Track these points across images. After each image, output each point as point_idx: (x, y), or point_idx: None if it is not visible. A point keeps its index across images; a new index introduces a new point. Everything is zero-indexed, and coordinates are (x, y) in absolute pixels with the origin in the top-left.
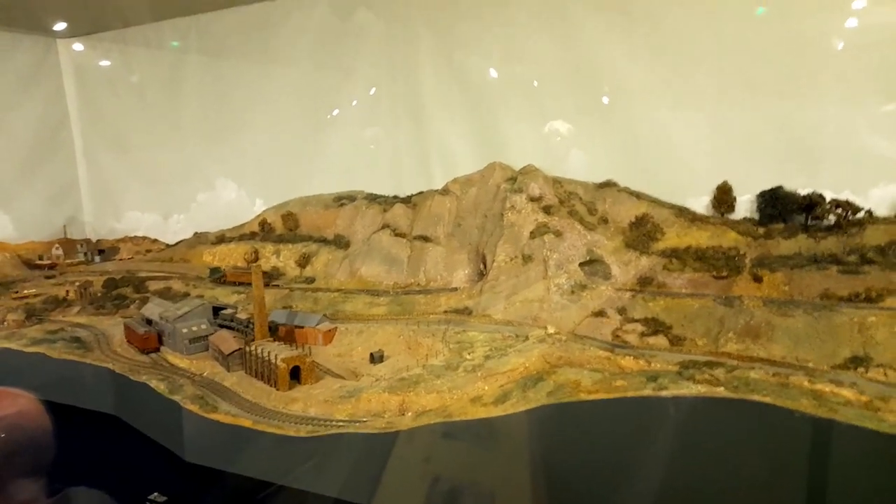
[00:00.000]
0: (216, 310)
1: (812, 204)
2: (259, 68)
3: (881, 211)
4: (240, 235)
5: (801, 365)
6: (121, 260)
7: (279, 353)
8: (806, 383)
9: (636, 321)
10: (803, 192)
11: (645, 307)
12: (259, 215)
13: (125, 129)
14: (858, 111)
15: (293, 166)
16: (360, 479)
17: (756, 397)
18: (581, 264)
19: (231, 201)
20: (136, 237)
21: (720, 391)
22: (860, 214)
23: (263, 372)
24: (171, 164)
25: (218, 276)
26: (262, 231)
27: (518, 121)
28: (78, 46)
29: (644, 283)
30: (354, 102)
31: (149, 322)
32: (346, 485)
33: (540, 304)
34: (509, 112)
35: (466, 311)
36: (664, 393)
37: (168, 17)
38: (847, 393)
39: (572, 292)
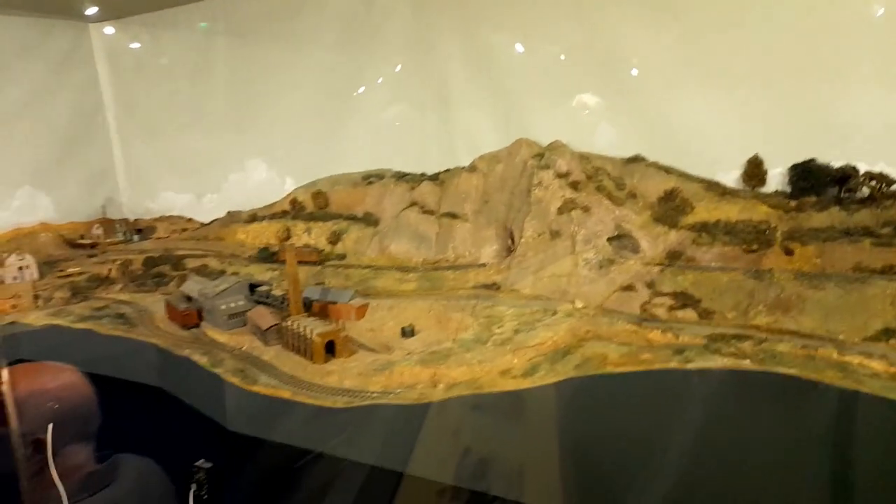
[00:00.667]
0: (252, 287)
1: (845, 176)
2: (286, 50)
3: None
4: (271, 214)
5: (831, 337)
6: (158, 239)
7: (315, 328)
8: (835, 355)
9: (665, 295)
10: (837, 164)
11: (673, 281)
12: (289, 194)
13: (157, 113)
14: (892, 83)
15: (321, 146)
16: (394, 448)
17: (781, 369)
18: (609, 239)
19: (262, 181)
20: (171, 216)
21: (746, 364)
22: (895, 187)
23: (300, 346)
24: (202, 146)
25: (266, 256)
26: (293, 209)
27: (544, 97)
28: (109, 30)
29: (673, 258)
30: (380, 81)
31: (189, 299)
32: (380, 453)
33: (568, 279)
34: (535, 88)
35: (495, 287)
36: (690, 366)
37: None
38: (876, 365)
39: (600, 267)
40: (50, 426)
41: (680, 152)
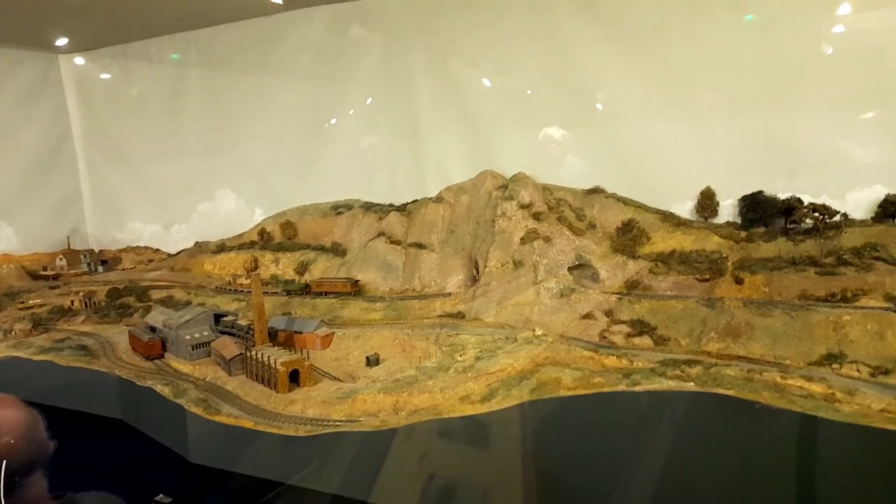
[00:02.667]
0: (217, 317)
1: (790, 208)
2: (258, 82)
3: (857, 214)
4: (239, 244)
5: (778, 362)
6: (123, 270)
7: (278, 358)
8: (778, 378)
9: (622, 322)
10: (783, 196)
11: (631, 309)
12: (258, 224)
13: (127, 142)
14: (835, 120)
15: (291, 176)
16: (357, 475)
17: (721, 390)
18: (570, 269)
19: (231, 211)
20: (138, 247)
21: (689, 386)
22: (836, 218)
23: (264, 375)
24: (171, 176)
25: (296, 289)
26: (262, 240)
27: (509, 129)
28: (79, 61)
29: (631, 287)
30: (351, 113)
31: (153, 329)
32: (343, 481)
33: (530, 308)
34: (501, 122)
35: (460, 316)
36: (637, 388)
37: (168, 32)
38: (816, 387)
39: (561, 296)
40: (3, 463)
41: (638, 184)
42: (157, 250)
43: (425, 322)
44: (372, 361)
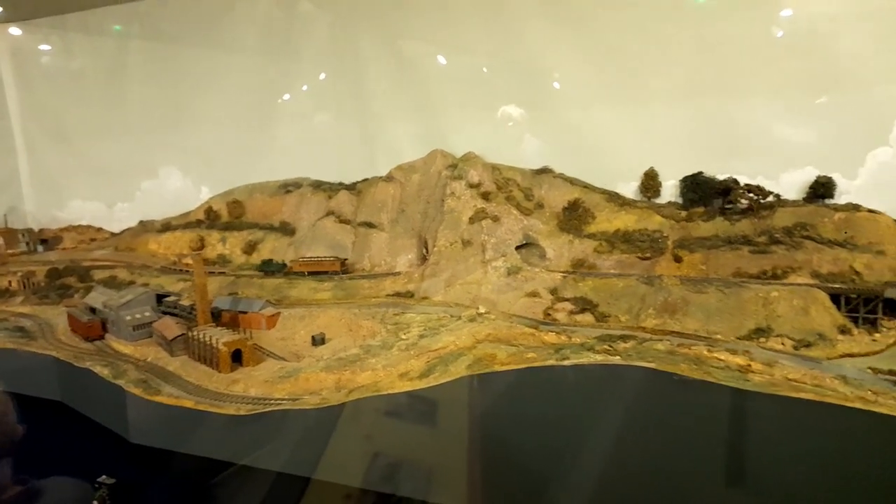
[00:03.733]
0: (160, 297)
1: (728, 189)
2: (204, 58)
3: (790, 195)
4: (185, 223)
5: (708, 336)
6: (64, 249)
7: (220, 338)
8: (705, 352)
9: (566, 300)
10: (721, 177)
11: (575, 287)
12: (204, 203)
13: (66, 118)
14: (772, 105)
15: (239, 154)
16: (297, 451)
17: (643, 363)
18: (518, 248)
19: (177, 189)
20: (80, 226)
21: (615, 360)
22: (770, 198)
23: (206, 356)
24: (114, 153)
25: (275, 269)
26: (208, 219)
27: (460, 110)
28: (15, 31)
29: (576, 265)
30: (301, 91)
31: (93, 310)
32: (281, 457)
33: (478, 287)
34: (452, 102)
35: (409, 295)
36: (566, 362)
37: (109, 3)
38: (738, 360)
39: (509, 275)
40: None
41: (585, 164)
42: (100, 229)
43: (373, 301)
44: (317, 341)
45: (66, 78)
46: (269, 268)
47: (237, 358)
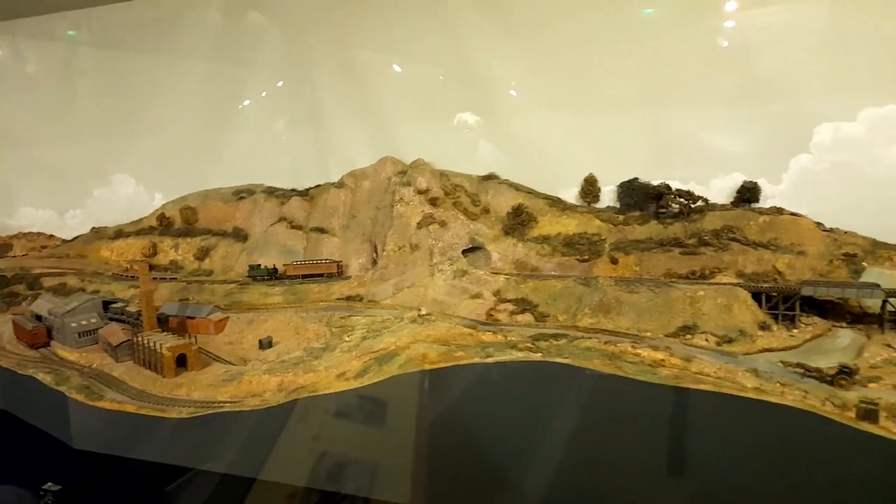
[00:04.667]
0: (106, 304)
1: (660, 194)
2: (156, 64)
3: (720, 199)
4: (138, 230)
5: (636, 334)
6: (14, 257)
7: (165, 343)
8: (629, 348)
9: (508, 301)
10: (655, 183)
11: (517, 289)
12: (157, 209)
13: (17, 124)
14: (703, 114)
15: (193, 161)
16: (235, 451)
17: (559, 359)
18: (464, 252)
19: (129, 196)
20: (30, 233)
21: (536, 356)
22: (699, 203)
23: (150, 361)
24: (66, 159)
25: (264, 274)
26: (161, 225)
27: (410, 118)
28: None
29: (519, 268)
30: (254, 99)
31: (38, 318)
32: (222, 458)
33: (425, 290)
34: (402, 109)
35: (358, 298)
36: (490, 360)
37: (60, 9)
38: (659, 355)
39: (454, 278)
40: None
41: (529, 171)
42: (51, 236)
43: (321, 305)
44: (264, 344)
45: (16, 83)
46: (258, 273)
47: (182, 362)
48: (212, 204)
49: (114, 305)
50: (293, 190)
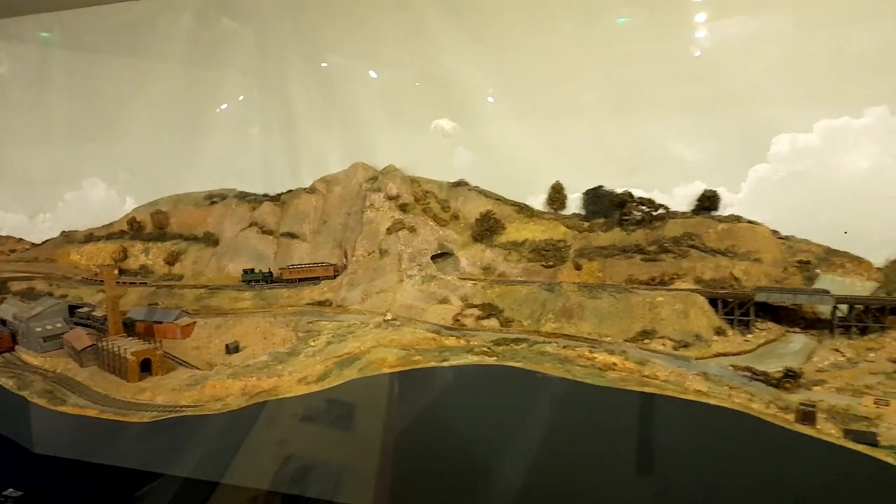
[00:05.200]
0: (73, 308)
1: (623, 202)
2: (128, 68)
3: (682, 207)
4: (108, 234)
5: (597, 339)
6: None
7: (129, 347)
8: (587, 353)
9: (475, 307)
10: (619, 190)
11: (483, 294)
12: (128, 214)
13: None
14: (667, 124)
15: (165, 165)
16: (196, 455)
17: (513, 363)
18: (433, 257)
19: (101, 200)
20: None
21: (490, 360)
22: (660, 211)
23: (115, 365)
24: (36, 163)
25: (259, 278)
26: (132, 230)
27: (383, 124)
28: None
29: (487, 273)
30: (227, 104)
31: (2, 322)
32: (183, 462)
33: (393, 295)
34: (375, 116)
35: (327, 303)
36: (446, 364)
37: (30, 11)
38: (615, 359)
39: (423, 283)
40: None
41: (498, 178)
42: (21, 240)
43: (290, 310)
44: (231, 349)
45: None
46: (253, 277)
47: (146, 367)
48: (183, 208)
49: (80, 310)
50: (265, 195)
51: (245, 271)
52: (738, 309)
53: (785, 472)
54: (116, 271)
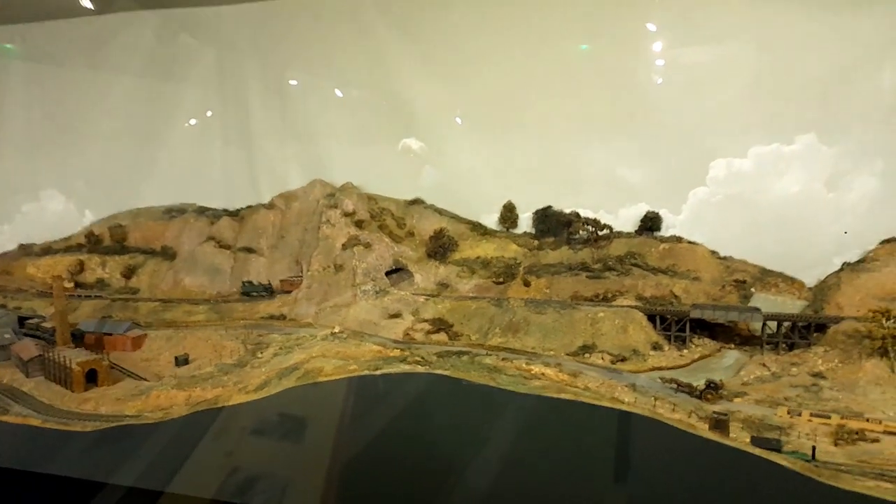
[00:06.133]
0: (23, 320)
1: (570, 221)
2: (90, 82)
3: (627, 227)
4: (66, 247)
5: (542, 353)
6: None
7: (75, 358)
8: (523, 364)
9: (425, 321)
10: (568, 210)
11: (434, 309)
12: (86, 227)
13: None
14: (614, 147)
15: (124, 179)
16: (136, 463)
17: (440, 371)
18: (387, 273)
19: (58, 212)
20: None
21: (419, 369)
22: (605, 231)
23: (61, 376)
24: None
25: (259, 290)
26: (89, 243)
27: (342, 142)
28: None
29: (440, 289)
30: (188, 119)
31: None
32: (117, 470)
33: (347, 309)
34: (334, 133)
35: (281, 317)
36: (378, 372)
37: None
38: (549, 370)
39: (376, 297)
40: None
41: (454, 197)
42: None
43: (242, 323)
44: (180, 361)
45: None
46: (253, 290)
47: (92, 378)
48: (142, 222)
49: (30, 321)
50: (224, 210)
51: (244, 283)
52: (675, 325)
53: (687, 474)
54: (71, 284)
